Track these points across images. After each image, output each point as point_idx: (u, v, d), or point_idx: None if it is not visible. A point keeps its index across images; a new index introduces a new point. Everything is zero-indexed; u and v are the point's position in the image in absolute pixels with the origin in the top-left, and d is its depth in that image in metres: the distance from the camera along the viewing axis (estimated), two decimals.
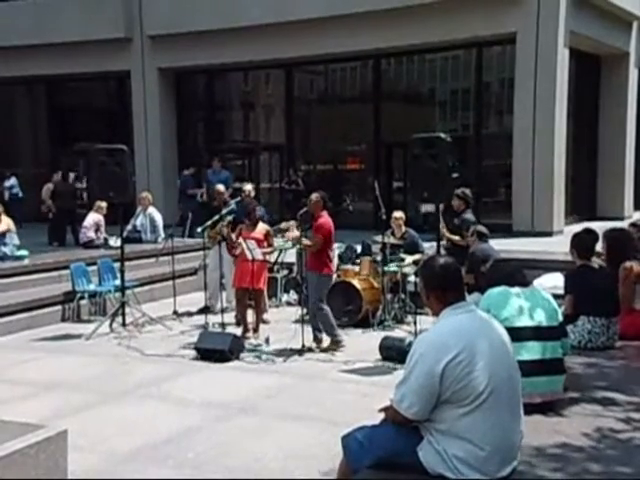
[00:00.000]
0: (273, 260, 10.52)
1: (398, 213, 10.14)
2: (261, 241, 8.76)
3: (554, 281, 8.52)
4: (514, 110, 15.31)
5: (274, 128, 20.39)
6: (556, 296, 5.12)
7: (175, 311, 10.06)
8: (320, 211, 8.10)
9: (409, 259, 9.50)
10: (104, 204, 12.13)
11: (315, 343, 8.11)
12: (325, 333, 8.15)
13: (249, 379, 7.06)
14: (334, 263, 9.13)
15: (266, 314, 9.45)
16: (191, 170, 16.75)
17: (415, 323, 7.71)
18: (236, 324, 9.18)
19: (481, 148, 16.90)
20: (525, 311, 4.57)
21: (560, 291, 6.32)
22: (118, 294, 9.72)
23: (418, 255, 9.59)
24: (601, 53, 17.85)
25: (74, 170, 17.24)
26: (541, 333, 4.55)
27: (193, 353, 7.88)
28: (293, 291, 10.88)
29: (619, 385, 5.09)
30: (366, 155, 18.68)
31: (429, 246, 9.83)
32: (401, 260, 9.46)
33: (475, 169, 16.27)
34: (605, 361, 5.73)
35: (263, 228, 9.02)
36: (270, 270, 10.14)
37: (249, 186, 10.87)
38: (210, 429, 5.68)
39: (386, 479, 3.26)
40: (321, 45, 16.43)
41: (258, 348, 8.06)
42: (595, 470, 3.69)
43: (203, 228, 9.37)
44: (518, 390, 3.26)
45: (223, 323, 8.63)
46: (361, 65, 18.75)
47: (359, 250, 10.92)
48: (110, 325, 9.27)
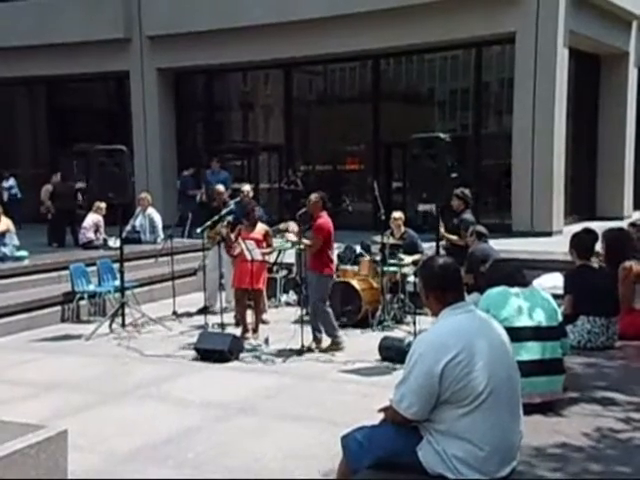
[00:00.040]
0: (272, 260, 10.53)
1: (397, 213, 10.15)
2: (260, 241, 8.76)
3: (553, 281, 8.53)
4: (513, 110, 15.30)
5: (273, 128, 20.39)
6: (556, 296, 5.12)
7: (174, 312, 10.06)
8: (319, 211, 8.09)
9: (408, 259, 9.51)
10: (103, 205, 12.14)
11: (315, 343, 8.11)
12: (326, 334, 8.15)
13: (249, 379, 7.06)
14: (335, 264, 9.11)
15: (265, 314, 9.44)
16: (191, 171, 16.76)
17: (414, 323, 7.71)
18: (235, 324, 9.18)
19: (480, 148, 16.87)
20: (524, 311, 4.57)
21: (559, 291, 6.31)
22: (117, 295, 9.73)
23: (417, 255, 9.60)
24: (601, 53, 17.83)
25: (71, 171, 17.24)
26: (540, 333, 4.55)
27: (193, 353, 7.88)
28: (292, 291, 10.89)
29: (619, 385, 5.09)
30: (365, 155, 18.66)
31: (428, 246, 9.83)
32: (400, 260, 9.46)
33: (474, 169, 16.25)
34: (605, 361, 5.73)
35: (262, 228, 9.02)
36: (269, 270, 10.15)
37: (247, 186, 10.89)
38: (210, 429, 5.68)
39: (386, 479, 3.26)
40: (320, 45, 16.41)
41: (257, 348, 8.07)
42: (595, 470, 3.69)
43: (202, 228, 9.39)
44: (517, 390, 3.26)
45: (222, 323, 8.63)
46: (360, 65, 18.72)
47: (358, 250, 10.92)
48: (110, 326, 9.27)
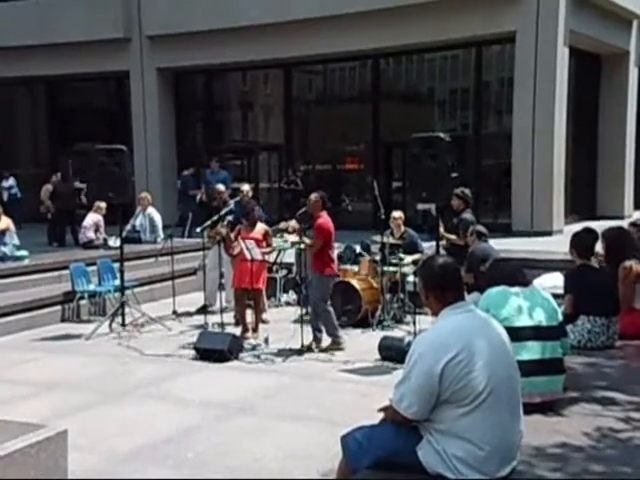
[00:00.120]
0: (272, 260, 10.52)
1: (397, 213, 10.14)
2: (260, 241, 8.76)
3: (554, 281, 8.52)
4: (513, 109, 15.30)
5: (273, 128, 20.38)
6: (556, 296, 5.12)
7: (174, 311, 10.06)
8: (319, 211, 8.08)
9: (408, 259, 9.51)
10: (103, 204, 12.12)
11: (315, 343, 8.10)
12: (327, 333, 8.14)
13: (248, 379, 7.06)
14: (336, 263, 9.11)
15: (265, 314, 9.44)
16: (191, 170, 16.77)
17: (414, 323, 7.71)
18: (235, 324, 9.17)
19: (480, 148, 16.87)
20: (524, 311, 4.57)
21: (560, 291, 6.31)
22: (118, 294, 9.72)
23: (417, 255, 9.60)
24: (601, 52, 17.82)
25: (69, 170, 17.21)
26: (541, 333, 4.55)
27: (192, 353, 7.88)
28: (292, 291, 10.89)
29: (619, 385, 5.09)
30: (365, 155, 18.66)
31: (428, 246, 9.83)
32: (400, 260, 9.46)
33: (474, 169, 16.25)
34: (605, 361, 5.73)
35: (262, 228, 9.02)
36: (269, 270, 10.15)
37: (247, 186, 10.88)
38: (209, 429, 5.68)
39: (385, 479, 3.26)
40: (320, 45, 16.41)
41: (257, 348, 8.07)
42: (595, 470, 3.69)
43: (202, 228, 9.39)
44: (517, 390, 3.26)
45: (222, 323, 8.62)
46: (360, 65, 18.72)
47: (358, 250, 10.92)
48: (110, 325, 9.27)
